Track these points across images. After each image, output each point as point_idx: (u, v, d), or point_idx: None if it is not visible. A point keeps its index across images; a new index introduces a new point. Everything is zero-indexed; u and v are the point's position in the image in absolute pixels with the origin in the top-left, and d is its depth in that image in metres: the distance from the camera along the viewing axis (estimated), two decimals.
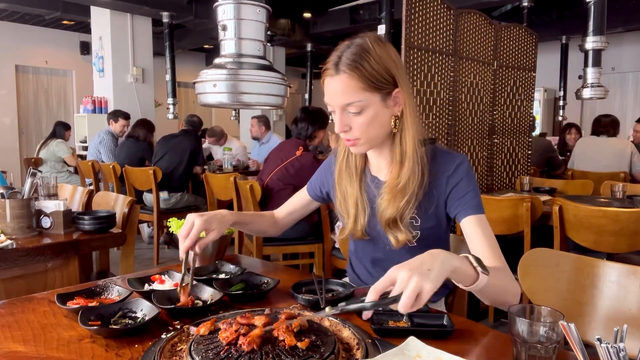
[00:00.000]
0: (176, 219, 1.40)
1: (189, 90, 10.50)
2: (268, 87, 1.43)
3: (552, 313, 0.81)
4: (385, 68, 1.12)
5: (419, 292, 0.82)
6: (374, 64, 1.11)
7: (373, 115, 1.13)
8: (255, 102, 1.50)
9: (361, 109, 1.12)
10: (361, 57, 1.10)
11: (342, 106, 1.13)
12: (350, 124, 1.14)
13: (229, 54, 1.53)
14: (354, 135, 1.15)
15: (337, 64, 1.11)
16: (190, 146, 4.44)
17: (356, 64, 1.10)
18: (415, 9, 2.62)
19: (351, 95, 1.11)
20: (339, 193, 1.30)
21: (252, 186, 2.97)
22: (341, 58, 1.11)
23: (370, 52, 1.11)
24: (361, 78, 1.10)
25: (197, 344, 0.83)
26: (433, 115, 2.82)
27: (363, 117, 1.13)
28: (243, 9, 1.26)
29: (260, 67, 1.54)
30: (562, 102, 7.27)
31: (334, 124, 1.21)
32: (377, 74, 1.11)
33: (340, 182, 1.30)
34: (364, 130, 1.14)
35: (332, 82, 1.12)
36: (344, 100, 1.11)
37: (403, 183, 1.18)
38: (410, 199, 1.18)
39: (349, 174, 1.29)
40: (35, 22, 8.05)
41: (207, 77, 1.52)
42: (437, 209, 1.22)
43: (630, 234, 2.11)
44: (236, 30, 1.37)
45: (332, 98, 1.13)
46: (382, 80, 1.12)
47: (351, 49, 1.12)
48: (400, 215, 1.19)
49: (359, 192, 1.26)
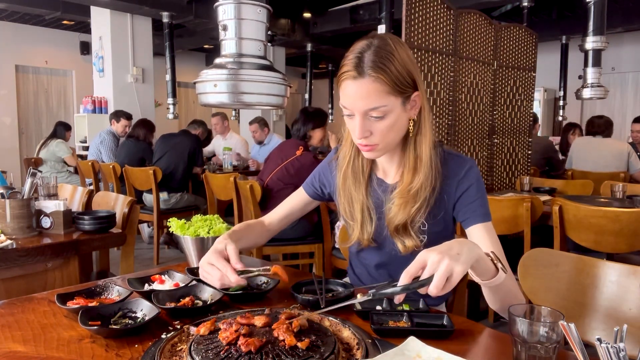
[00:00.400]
0: (176, 219, 1.40)
1: (189, 90, 10.50)
2: (268, 87, 1.43)
3: (552, 313, 0.81)
4: (408, 71, 1.06)
5: (449, 274, 0.83)
6: (399, 67, 1.04)
7: (394, 120, 1.08)
8: (256, 102, 1.50)
9: (384, 114, 1.06)
10: (387, 58, 1.03)
11: (365, 111, 1.05)
12: (371, 129, 1.08)
13: (230, 53, 1.53)
14: (374, 141, 1.09)
15: (360, 66, 1.03)
16: (189, 147, 4.44)
17: (383, 66, 1.03)
18: (415, 9, 2.63)
19: (376, 100, 1.04)
20: (344, 198, 1.26)
21: (252, 186, 2.97)
22: (362, 60, 1.04)
23: (394, 53, 1.05)
24: (387, 81, 1.03)
25: (197, 344, 0.83)
26: (433, 115, 2.82)
27: (385, 123, 1.07)
28: (243, 8, 1.26)
29: (260, 67, 1.54)
30: (562, 102, 7.27)
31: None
32: (402, 77, 1.05)
33: (345, 188, 1.25)
34: (384, 135, 1.09)
35: (353, 86, 1.04)
36: (368, 105, 1.04)
37: (416, 189, 1.14)
38: (422, 205, 1.15)
39: (355, 178, 1.24)
40: (35, 22, 8.05)
41: (208, 77, 1.52)
42: (445, 213, 1.20)
43: (630, 234, 2.11)
44: (237, 30, 1.37)
45: (354, 102, 1.05)
46: (405, 84, 1.06)
47: (373, 50, 1.04)
48: (411, 221, 1.16)
49: (366, 198, 1.22)
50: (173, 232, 1.36)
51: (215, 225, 1.38)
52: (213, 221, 1.39)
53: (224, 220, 1.43)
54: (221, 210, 4.38)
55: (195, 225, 1.37)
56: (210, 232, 1.35)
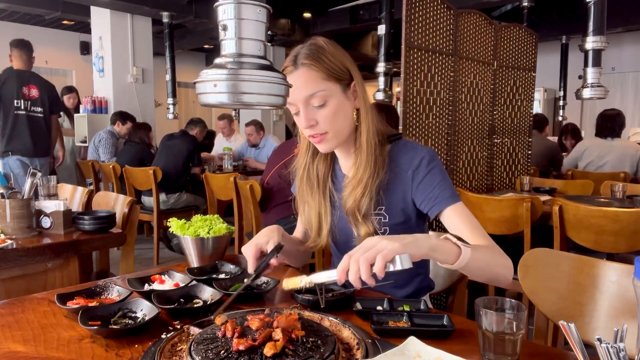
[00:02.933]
0: (176, 219, 1.40)
1: (189, 90, 10.50)
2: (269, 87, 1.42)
3: (517, 305, 0.84)
4: (340, 61, 1.16)
5: (382, 250, 0.86)
6: (330, 57, 1.14)
7: (337, 106, 1.15)
8: (256, 102, 1.50)
9: (324, 100, 1.14)
10: (317, 51, 1.14)
11: (305, 99, 1.13)
12: (315, 117, 1.15)
13: (229, 53, 1.52)
14: (321, 129, 1.16)
15: (295, 61, 1.14)
16: (186, 148, 4.46)
17: (314, 55, 1.13)
18: (415, 9, 2.62)
19: (313, 86, 1.13)
20: (300, 203, 1.32)
21: (252, 186, 2.97)
22: (297, 56, 1.15)
23: (324, 47, 1.15)
24: (320, 68, 1.13)
25: (197, 344, 0.83)
26: (433, 115, 2.82)
27: (328, 109, 1.14)
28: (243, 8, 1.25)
29: (260, 67, 1.53)
30: (562, 102, 7.27)
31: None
32: (334, 65, 1.14)
33: (302, 194, 1.31)
34: (330, 122, 1.15)
35: (292, 78, 1.12)
36: (307, 91, 1.13)
37: (359, 174, 1.19)
38: (365, 191, 1.18)
39: (309, 185, 1.29)
40: (35, 22, 8.05)
41: (208, 77, 1.51)
42: (404, 204, 1.22)
43: (630, 234, 2.11)
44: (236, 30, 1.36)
45: (294, 94, 1.13)
46: (339, 71, 1.15)
47: (305, 48, 1.15)
48: (358, 207, 1.20)
49: (322, 203, 1.27)
50: (173, 232, 1.36)
51: (215, 225, 1.38)
52: (213, 221, 1.39)
53: (224, 220, 1.43)
54: (221, 210, 4.38)
55: (195, 225, 1.37)
56: (210, 232, 1.35)
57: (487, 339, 0.81)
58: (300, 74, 1.13)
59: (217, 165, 5.37)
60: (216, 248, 1.36)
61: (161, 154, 4.55)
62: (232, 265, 1.31)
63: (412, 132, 2.69)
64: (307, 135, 1.20)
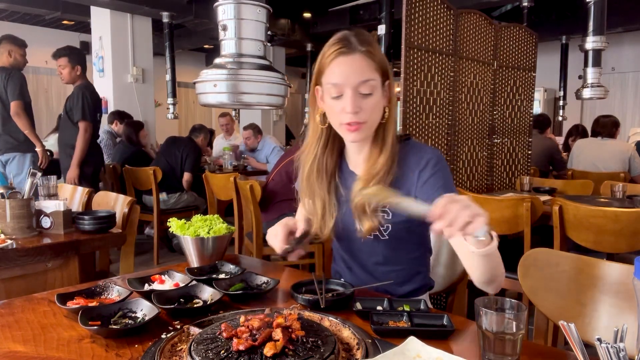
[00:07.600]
0: (176, 219, 1.40)
1: (189, 90, 10.49)
2: (268, 87, 1.43)
3: (517, 305, 0.84)
4: (385, 58, 1.19)
5: (480, 215, 0.86)
6: (378, 50, 1.17)
7: (378, 99, 1.17)
8: (256, 102, 1.50)
9: (372, 89, 1.15)
10: (370, 42, 1.16)
11: (356, 84, 1.13)
12: (361, 105, 1.15)
13: (229, 53, 1.53)
14: (362, 117, 1.15)
15: (349, 45, 1.14)
16: (181, 153, 4.47)
17: (369, 44, 1.15)
18: (415, 9, 2.62)
19: (368, 73, 1.13)
20: (306, 193, 1.32)
21: (252, 186, 2.97)
22: (350, 40, 1.15)
23: (373, 40, 1.18)
24: (374, 58, 1.14)
25: (197, 344, 0.83)
26: (433, 115, 2.82)
27: (373, 99, 1.15)
28: (243, 8, 1.26)
29: (260, 67, 1.54)
30: (562, 102, 7.27)
31: None
32: (382, 59, 1.17)
33: (309, 183, 1.30)
34: (371, 112, 1.16)
35: (346, 61, 1.13)
36: (361, 77, 1.13)
37: (377, 170, 1.20)
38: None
39: (318, 175, 1.29)
40: (35, 22, 8.04)
41: (208, 77, 1.52)
42: None
43: (630, 234, 2.11)
44: (236, 30, 1.37)
45: (347, 77, 1.13)
46: (384, 67, 1.17)
47: (357, 36, 1.16)
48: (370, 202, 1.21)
49: (327, 195, 1.28)
50: (173, 232, 1.36)
51: (215, 225, 1.38)
52: (213, 221, 1.39)
53: (224, 220, 1.43)
54: (221, 210, 4.38)
55: (195, 225, 1.37)
56: (210, 232, 1.35)
57: (487, 339, 0.81)
58: (356, 58, 1.13)
59: (217, 165, 5.37)
60: (216, 248, 1.36)
61: (162, 154, 4.55)
62: (232, 265, 1.31)
63: (412, 132, 2.69)
64: (342, 122, 1.17)
